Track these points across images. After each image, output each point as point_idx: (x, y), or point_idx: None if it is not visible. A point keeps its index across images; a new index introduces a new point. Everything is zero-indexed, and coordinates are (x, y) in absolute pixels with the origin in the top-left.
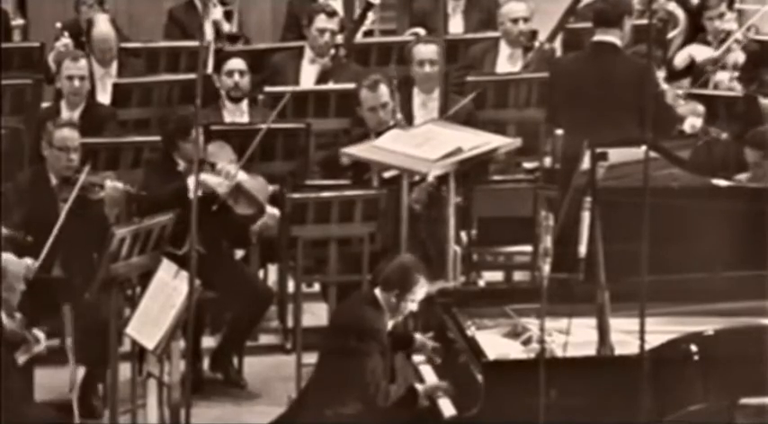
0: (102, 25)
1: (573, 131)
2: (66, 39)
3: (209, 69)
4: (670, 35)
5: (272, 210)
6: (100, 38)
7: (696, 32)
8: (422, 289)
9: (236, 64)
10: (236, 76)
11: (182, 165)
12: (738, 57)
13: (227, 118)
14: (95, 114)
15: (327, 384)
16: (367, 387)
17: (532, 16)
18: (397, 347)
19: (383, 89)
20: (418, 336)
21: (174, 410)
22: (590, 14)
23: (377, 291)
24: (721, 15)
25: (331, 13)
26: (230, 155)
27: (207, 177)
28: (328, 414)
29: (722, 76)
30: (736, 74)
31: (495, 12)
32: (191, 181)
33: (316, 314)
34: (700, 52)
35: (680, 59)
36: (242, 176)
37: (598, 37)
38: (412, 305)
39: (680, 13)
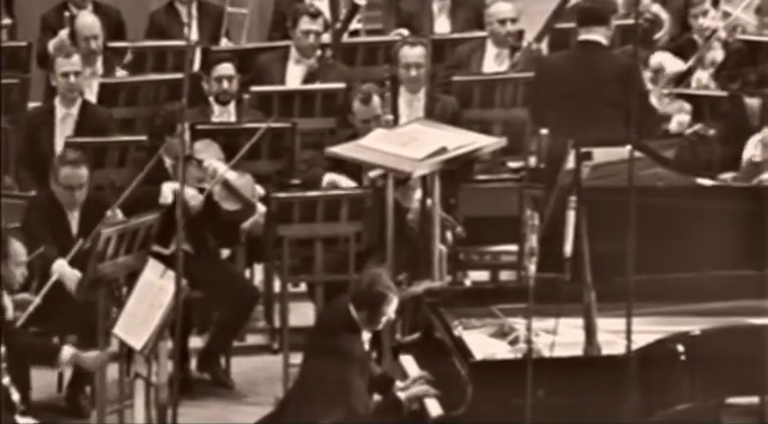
0: (87, 17)
1: (559, 130)
2: (64, 32)
3: (195, 69)
4: (655, 37)
5: (263, 209)
6: (83, 26)
7: (683, 31)
8: (392, 306)
9: (225, 69)
10: (225, 83)
11: (168, 162)
12: (717, 55)
13: (215, 119)
14: (93, 117)
15: (311, 390)
16: (355, 410)
17: (519, 17)
18: (378, 390)
19: (376, 101)
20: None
21: (161, 411)
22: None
23: (351, 308)
24: (705, 13)
25: (314, 15)
26: (217, 153)
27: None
28: (313, 416)
29: (701, 75)
30: (711, 70)
31: (481, 11)
32: (166, 187)
33: (302, 314)
34: (670, 63)
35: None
36: (229, 173)
37: (583, 36)
38: (385, 319)
39: (664, 16)
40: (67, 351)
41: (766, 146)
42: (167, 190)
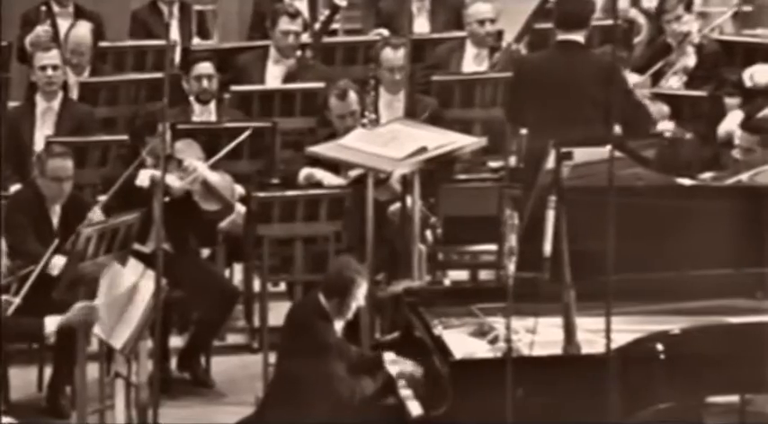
0: (80, 28)
1: (540, 130)
2: (47, 26)
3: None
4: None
5: (242, 208)
6: (75, 37)
7: (659, 35)
8: (361, 289)
9: (205, 68)
10: (205, 82)
11: (149, 162)
12: (689, 60)
13: (195, 119)
14: (74, 113)
15: (291, 386)
16: (340, 395)
17: (498, 17)
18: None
19: (352, 97)
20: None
21: (141, 410)
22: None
23: (321, 298)
24: (678, 18)
25: (294, 15)
26: (198, 153)
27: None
28: (295, 414)
29: (672, 81)
30: (685, 78)
31: (461, 12)
32: (143, 173)
33: (282, 314)
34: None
35: None
36: (208, 173)
37: (562, 36)
38: (356, 304)
39: (641, 20)
40: (50, 320)
41: (743, 149)
42: (144, 175)
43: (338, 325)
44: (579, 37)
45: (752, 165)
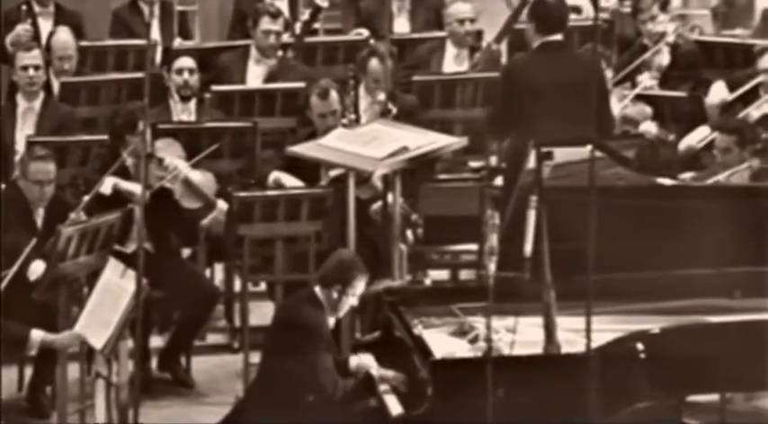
0: (62, 34)
1: (534, 132)
2: (27, 25)
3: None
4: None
5: (224, 206)
6: (57, 43)
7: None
8: (361, 283)
9: (186, 62)
10: (186, 74)
11: (129, 161)
12: (663, 59)
13: (176, 118)
14: (55, 112)
15: (272, 383)
16: (323, 389)
17: (478, 17)
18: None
19: (333, 96)
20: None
21: (122, 410)
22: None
23: (316, 289)
24: (653, 18)
25: (275, 15)
26: (179, 152)
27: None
28: (273, 413)
29: (642, 77)
30: (658, 76)
31: (441, 12)
32: (107, 181)
33: (263, 313)
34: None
35: None
36: (189, 171)
37: (544, 38)
38: (353, 300)
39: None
40: (36, 334)
41: (721, 149)
42: (108, 182)
43: (330, 321)
44: (559, 36)
45: (729, 165)
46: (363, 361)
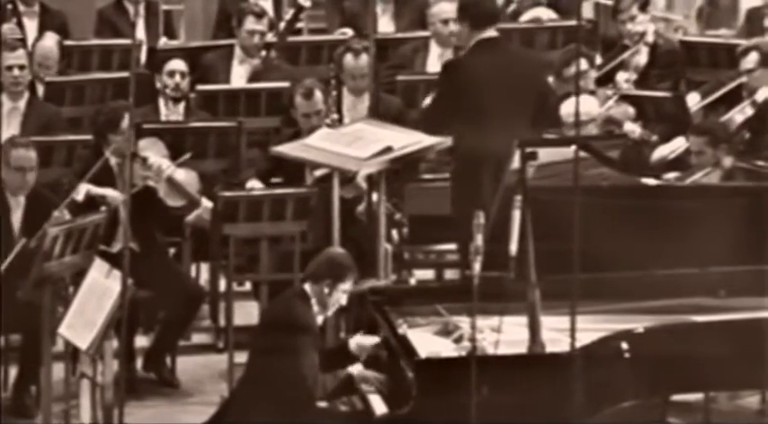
0: (47, 40)
1: (480, 130)
2: (12, 24)
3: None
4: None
5: (208, 203)
6: (41, 50)
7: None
8: (351, 280)
9: (177, 65)
10: (177, 77)
11: (113, 161)
12: (641, 59)
13: (164, 118)
14: (41, 112)
15: (260, 383)
16: (304, 380)
17: None
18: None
19: (318, 96)
20: (356, 371)
21: (107, 410)
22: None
23: (306, 286)
24: (633, 18)
25: (260, 15)
26: (162, 151)
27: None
28: (261, 412)
29: (620, 77)
30: (635, 76)
31: (425, 12)
32: (81, 187)
33: (247, 313)
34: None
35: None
36: (174, 170)
37: (481, 35)
38: (343, 297)
39: None
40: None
41: (694, 152)
42: (82, 188)
43: (319, 319)
44: (494, 33)
45: (702, 166)
46: (363, 342)
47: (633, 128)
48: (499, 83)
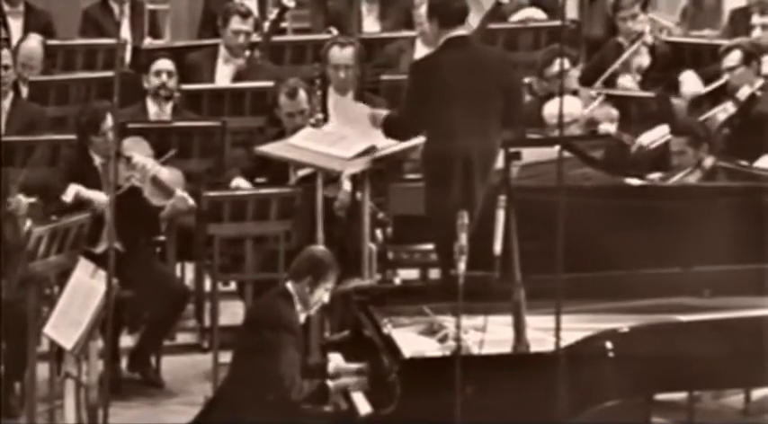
0: (31, 41)
1: (450, 130)
2: None
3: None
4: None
5: (182, 194)
6: (24, 50)
7: (611, 35)
8: (333, 278)
9: (165, 64)
10: (164, 77)
11: (97, 161)
12: (643, 60)
13: (151, 118)
14: (25, 112)
15: (243, 382)
16: (282, 379)
17: None
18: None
19: (302, 96)
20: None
21: (91, 411)
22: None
23: (288, 284)
24: (634, 16)
25: (245, 15)
26: (146, 150)
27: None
28: (245, 412)
29: (624, 80)
30: (639, 77)
31: (411, 11)
32: (70, 189)
33: (232, 313)
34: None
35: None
36: (158, 169)
37: (450, 33)
38: (325, 296)
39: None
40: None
41: (675, 152)
42: (71, 190)
43: (301, 317)
44: (465, 30)
45: (683, 167)
46: (343, 366)
47: (608, 129)
48: (466, 81)
